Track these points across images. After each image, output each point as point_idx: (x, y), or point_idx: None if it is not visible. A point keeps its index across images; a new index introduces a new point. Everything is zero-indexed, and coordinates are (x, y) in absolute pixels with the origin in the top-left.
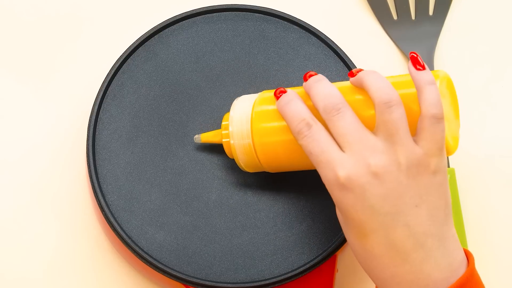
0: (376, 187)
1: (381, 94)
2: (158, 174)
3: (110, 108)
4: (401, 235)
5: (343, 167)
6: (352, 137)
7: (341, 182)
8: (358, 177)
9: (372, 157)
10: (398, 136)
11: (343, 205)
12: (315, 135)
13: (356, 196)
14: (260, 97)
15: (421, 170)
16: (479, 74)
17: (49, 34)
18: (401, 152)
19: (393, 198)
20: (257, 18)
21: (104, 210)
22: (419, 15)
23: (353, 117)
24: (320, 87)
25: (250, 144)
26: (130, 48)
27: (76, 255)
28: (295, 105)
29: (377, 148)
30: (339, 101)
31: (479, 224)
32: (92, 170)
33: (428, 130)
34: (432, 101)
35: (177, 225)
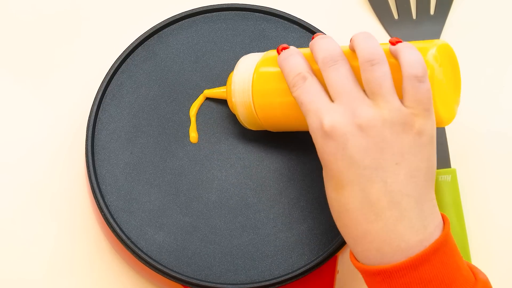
0: (358, 138)
1: (365, 53)
2: (158, 174)
3: (109, 108)
4: (377, 190)
5: (329, 115)
6: (343, 88)
7: (325, 129)
8: (342, 126)
9: (358, 109)
10: (382, 93)
11: (325, 154)
12: (308, 86)
13: (337, 144)
14: (264, 57)
15: (406, 129)
16: (480, 73)
17: (48, 34)
18: (386, 109)
19: (374, 152)
20: (257, 17)
21: (103, 210)
22: (420, 14)
23: (348, 71)
24: (323, 42)
25: (250, 103)
26: (129, 48)
27: (75, 256)
28: (294, 59)
29: (365, 102)
30: (338, 55)
31: (481, 224)
32: (91, 170)
33: (411, 90)
34: (411, 61)
35: (177, 225)
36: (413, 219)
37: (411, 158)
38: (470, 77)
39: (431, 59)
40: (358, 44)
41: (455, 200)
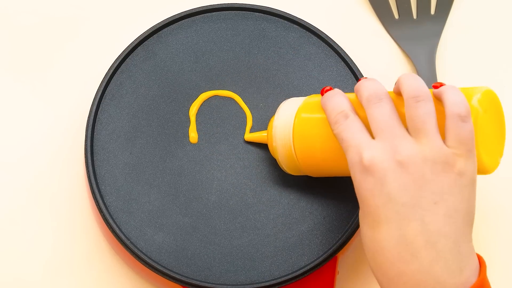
0: (397, 174)
1: (410, 89)
2: (157, 175)
3: (109, 108)
4: (414, 229)
5: (369, 150)
6: (385, 124)
7: (364, 164)
8: (381, 162)
9: (399, 146)
10: (425, 130)
11: (362, 190)
12: (350, 123)
13: (376, 180)
14: (305, 101)
15: (447, 168)
16: (481, 74)
17: (46, 34)
18: (427, 147)
19: (413, 190)
20: (257, 17)
21: (102, 211)
22: (420, 14)
23: (392, 109)
24: (369, 82)
25: (291, 148)
26: (128, 48)
27: (74, 257)
28: (337, 98)
29: (407, 139)
30: (382, 93)
31: (482, 224)
32: (91, 171)
33: (454, 129)
34: (455, 101)
35: (176, 226)
36: (450, 261)
37: (450, 199)
38: (470, 77)
39: (475, 102)
40: (404, 82)
41: None
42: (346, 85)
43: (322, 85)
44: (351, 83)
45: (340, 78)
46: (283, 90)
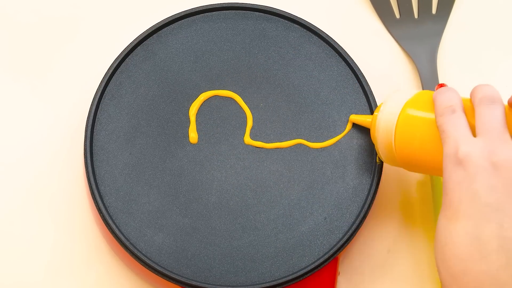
0: (489, 175)
1: None
2: (157, 175)
3: (108, 108)
4: (491, 231)
5: (468, 145)
6: (491, 125)
7: (459, 156)
8: (476, 158)
9: (499, 148)
10: None
11: (450, 181)
12: (455, 118)
13: (466, 174)
14: (413, 98)
15: None
16: (483, 73)
17: (45, 33)
18: None
19: (501, 193)
20: (257, 16)
21: (102, 212)
22: (422, 13)
23: (502, 114)
24: (487, 87)
25: (392, 142)
26: (128, 48)
27: (74, 258)
28: (450, 93)
29: (508, 144)
30: (497, 98)
31: None
32: (90, 171)
33: None
34: None
35: (176, 227)
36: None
37: None
38: (472, 77)
39: None
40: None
41: None
42: (347, 85)
43: (323, 85)
44: (352, 83)
45: (341, 78)
46: (283, 90)
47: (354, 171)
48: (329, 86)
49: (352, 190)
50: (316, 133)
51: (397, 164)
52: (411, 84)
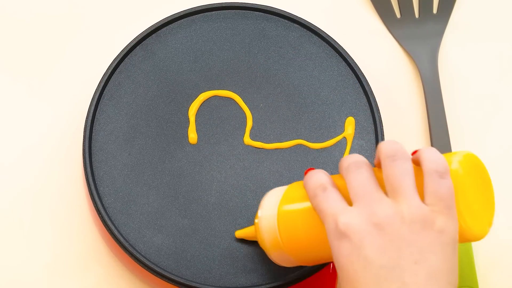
0: (375, 237)
1: (388, 150)
2: (156, 176)
3: (107, 108)
4: None
5: (345, 215)
6: (362, 189)
7: (340, 229)
8: (357, 225)
9: (376, 208)
10: (402, 189)
11: (340, 256)
12: (328, 194)
13: (353, 245)
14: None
15: (426, 227)
16: (484, 73)
17: (44, 33)
18: (405, 206)
19: (391, 250)
20: (257, 16)
21: (101, 213)
22: (423, 13)
23: (371, 175)
24: (352, 155)
25: (280, 244)
26: (127, 47)
27: (72, 259)
28: (318, 174)
29: (384, 201)
30: (362, 162)
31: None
32: (89, 172)
33: (432, 186)
34: (432, 158)
35: (176, 228)
36: None
37: (431, 257)
38: (473, 77)
39: (456, 164)
40: (381, 146)
41: None
42: (347, 85)
43: (323, 85)
44: (352, 83)
45: (341, 78)
46: (283, 90)
47: None
48: (329, 86)
49: None
50: (316, 133)
51: (297, 263)
52: (412, 85)
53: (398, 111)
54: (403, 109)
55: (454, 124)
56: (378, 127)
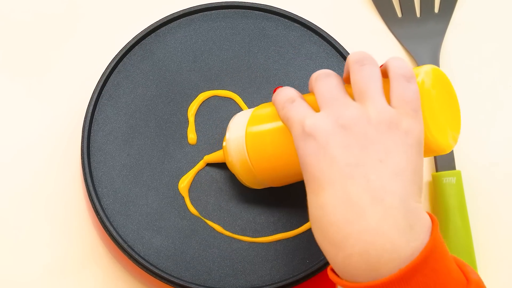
0: (340, 136)
1: (355, 56)
2: (155, 176)
3: (106, 108)
4: (359, 187)
5: (312, 117)
6: (329, 95)
7: (306, 130)
8: (324, 125)
9: (343, 110)
10: (369, 92)
11: (306, 156)
12: (295, 105)
13: (318, 144)
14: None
15: (392, 127)
16: (486, 73)
17: (42, 33)
18: (372, 108)
19: (357, 149)
20: (257, 15)
21: (99, 214)
22: (424, 12)
23: (338, 82)
24: (322, 71)
25: (246, 159)
26: (126, 47)
27: (70, 260)
28: (286, 89)
29: (351, 104)
30: (331, 72)
31: (487, 228)
32: (87, 172)
33: (398, 89)
34: (399, 65)
35: (175, 229)
36: (398, 218)
37: (396, 157)
38: (475, 76)
39: (422, 74)
40: (350, 55)
41: (460, 203)
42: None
43: None
44: None
45: None
46: None
47: None
48: None
49: None
50: None
51: (264, 184)
52: None
53: None
54: None
55: None
56: None
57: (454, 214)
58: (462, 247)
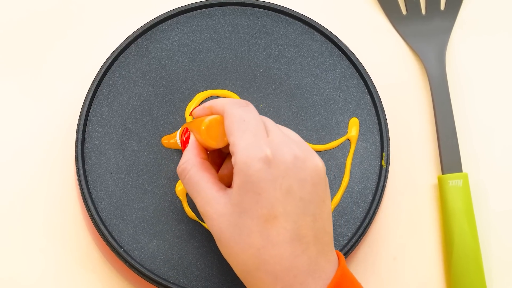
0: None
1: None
2: (152, 179)
3: (101, 109)
4: (307, 224)
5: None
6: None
7: (269, 156)
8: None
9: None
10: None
11: (262, 181)
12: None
13: (279, 172)
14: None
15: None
16: (493, 72)
17: (34, 30)
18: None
19: (310, 185)
20: (257, 13)
21: (94, 217)
22: (430, 9)
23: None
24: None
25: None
26: (121, 45)
27: (65, 266)
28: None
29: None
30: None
31: (494, 232)
32: (81, 175)
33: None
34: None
35: (172, 233)
36: (329, 253)
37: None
38: (482, 75)
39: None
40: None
41: (467, 206)
42: (351, 85)
43: (326, 85)
44: (356, 82)
45: (345, 77)
46: (284, 89)
47: (359, 175)
48: (332, 86)
49: (356, 195)
50: (319, 135)
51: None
52: (418, 84)
53: (404, 111)
54: (409, 110)
55: (463, 125)
56: (383, 128)
57: (461, 218)
58: (468, 253)
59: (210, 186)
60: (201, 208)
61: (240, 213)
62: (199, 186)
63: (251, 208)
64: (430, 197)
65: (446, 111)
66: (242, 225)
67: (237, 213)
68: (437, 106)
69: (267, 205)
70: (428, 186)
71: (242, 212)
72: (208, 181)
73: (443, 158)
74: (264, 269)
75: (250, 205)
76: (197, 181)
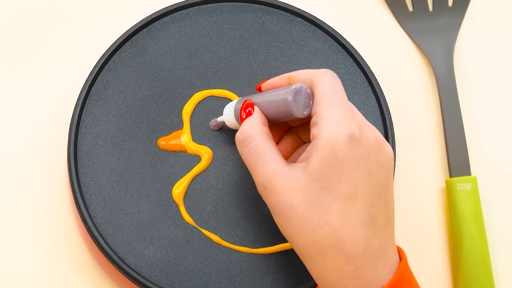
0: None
1: None
2: (147, 183)
3: (94, 109)
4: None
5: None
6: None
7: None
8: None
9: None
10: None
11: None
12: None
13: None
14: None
15: None
16: (503, 71)
17: (27, 28)
18: None
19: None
20: (257, 9)
21: (87, 223)
22: (437, 6)
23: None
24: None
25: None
26: (116, 43)
27: (57, 273)
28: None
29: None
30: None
31: (503, 236)
32: (74, 178)
33: None
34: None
35: (168, 239)
36: (394, 240)
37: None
38: (490, 73)
39: None
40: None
41: (476, 210)
42: (355, 84)
43: None
44: (360, 81)
45: (349, 76)
46: None
47: None
48: None
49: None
50: None
51: None
52: (425, 83)
53: (410, 111)
54: (416, 110)
55: (471, 126)
56: (388, 130)
57: (469, 222)
58: (477, 258)
59: (277, 158)
60: (266, 181)
61: (319, 188)
62: (265, 156)
63: (333, 185)
64: (437, 201)
65: (454, 111)
66: (320, 201)
67: (316, 188)
68: (444, 107)
69: (349, 184)
70: (436, 190)
71: (322, 188)
72: (275, 153)
73: (451, 160)
74: (340, 249)
75: (332, 181)
76: (263, 151)
